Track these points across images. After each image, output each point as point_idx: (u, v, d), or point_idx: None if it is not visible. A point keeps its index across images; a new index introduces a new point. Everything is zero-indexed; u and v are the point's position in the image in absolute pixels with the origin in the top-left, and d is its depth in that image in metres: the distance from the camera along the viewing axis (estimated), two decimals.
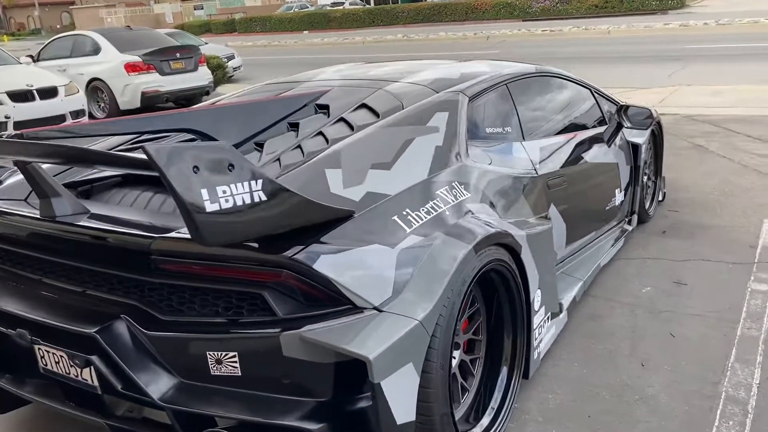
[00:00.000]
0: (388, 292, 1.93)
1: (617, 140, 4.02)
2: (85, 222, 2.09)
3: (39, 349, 2.16)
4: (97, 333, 1.93)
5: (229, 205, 1.64)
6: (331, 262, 1.87)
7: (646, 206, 4.55)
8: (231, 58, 15.56)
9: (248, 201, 1.68)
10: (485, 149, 2.87)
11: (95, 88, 10.79)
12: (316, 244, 1.89)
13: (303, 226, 1.87)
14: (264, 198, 1.72)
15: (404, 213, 2.16)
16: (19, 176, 2.64)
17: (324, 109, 2.96)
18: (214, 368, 1.93)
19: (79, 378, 2.11)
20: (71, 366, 2.10)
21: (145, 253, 1.93)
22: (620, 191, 4.01)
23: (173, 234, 1.92)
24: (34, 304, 2.17)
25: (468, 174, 2.58)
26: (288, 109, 2.96)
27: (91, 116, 10.14)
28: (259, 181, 1.71)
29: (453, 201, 2.37)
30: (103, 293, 2.11)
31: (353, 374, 1.88)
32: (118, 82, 10.51)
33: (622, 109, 4.05)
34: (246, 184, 1.68)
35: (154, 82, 10.55)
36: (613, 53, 15.37)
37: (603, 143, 3.82)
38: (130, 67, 10.41)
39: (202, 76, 11.31)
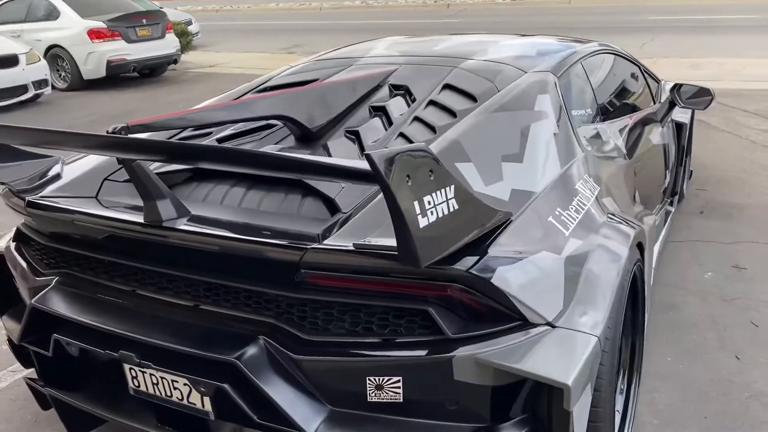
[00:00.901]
0: (560, 305, 1.74)
1: (668, 120, 3.91)
2: (209, 229, 1.81)
3: (131, 369, 1.90)
4: (236, 359, 1.68)
5: (434, 218, 1.42)
6: (506, 275, 1.66)
7: (683, 185, 4.50)
8: (189, 23, 14.83)
9: (446, 212, 1.46)
10: (582, 134, 2.69)
11: (55, 56, 10.04)
12: (487, 254, 1.68)
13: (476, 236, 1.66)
14: (456, 207, 1.50)
15: (557, 213, 1.97)
16: (78, 169, 2.31)
17: (400, 89, 2.71)
18: (373, 394, 1.71)
19: (185, 402, 1.86)
20: (174, 389, 1.85)
21: (293, 266, 1.68)
22: (669, 172, 3.91)
23: (330, 244, 1.66)
24: (138, 323, 1.89)
25: (591, 164, 2.39)
26: (364, 89, 2.70)
27: (53, 87, 9.46)
28: (452, 188, 1.49)
29: (591, 196, 2.19)
30: (227, 309, 1.85)
31: (527, 397, 1.70)
32: (80, 49, 9.81)
33: (676, 87, 3.93)
34: (443, 191, 1.45)
35: (120, 50, 9.90)
36: (579, 23, 15.36)
37: (658, 123, 3.69)
38: (94, 34, 9.73)
39: (170, 43, 10.69)
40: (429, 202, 1.40)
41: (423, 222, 1.37)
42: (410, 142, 2.25)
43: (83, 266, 2.12)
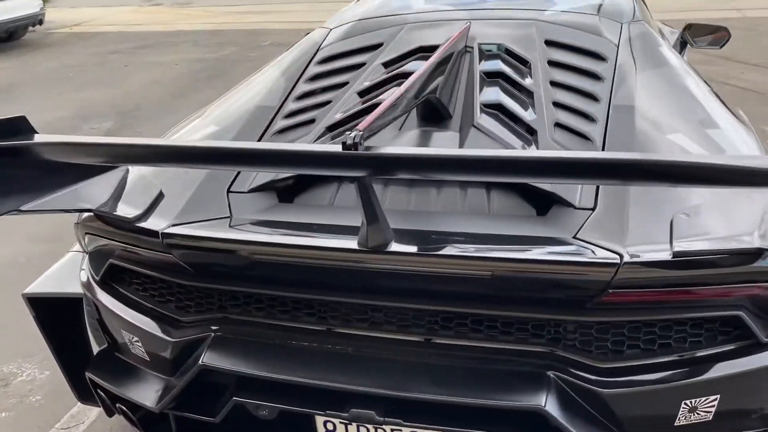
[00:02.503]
0: None
1: None
2: (459, 250, 1.45)
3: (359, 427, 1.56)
4: (542, 404, 1.38)
5: None
6: None
7: None
8: None
9: None
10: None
11: None
12: None
13: None
14: None
15: None
16: (171, 182, 1.80)
17: (494, 52, 2.39)
18: (683, 418, 1.49)
19: None
20: None
21: (596, 286, 1.38)
22: None
23: (647, 258, 1.38)
24: (361, 370, 1.52)
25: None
26: (456, 56, 2.35)
27: None
28: None
29: None
30: (482, 342, 1.52)
31: None
32: None
33: (687, 27, 3.91)
34: None
35: None
36: None
37: None
38: None
39: (31, 2, 9.27)
40: None
41: None
42: (573, 111, 1.97)
43: (251, 307, 1.67)
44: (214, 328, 1.66)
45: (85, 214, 1.83)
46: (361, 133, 1.31)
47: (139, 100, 6.52)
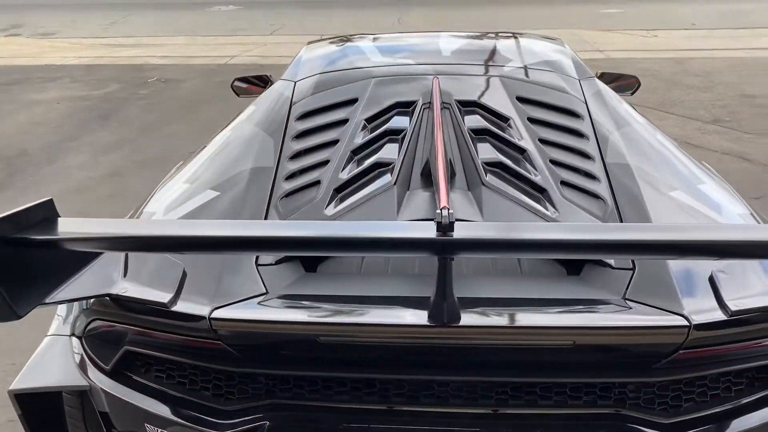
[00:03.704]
0: None
1: None
2: (525, 318, 1.46)
3: None
4: None
5: None
6: None
7: None
8: None
9: None
10: None
11: None
12: None
13: None
14: None
15: None
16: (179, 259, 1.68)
17: (470, 106, 2.46)
18: None
19: None
20: None
21: (667, 349, 1.45)
22: None
23: (711, 317, 1.47)
24: None
25: None
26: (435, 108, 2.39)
27: None
28: None
29: None
30: (546, 409, 1.53)
31: None
32: None
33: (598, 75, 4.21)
34: None
35: None
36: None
37: None
38: None
39: None
40: None
41: None
42: (573, 170, 2.07)
43: (304, 390, 1.59)
44: (264, 415, 1.56)
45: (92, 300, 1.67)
46: (451, 212, 1.30)
47: (23, 144, 6.00)
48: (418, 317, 1.45)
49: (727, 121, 6.31)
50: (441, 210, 1.29)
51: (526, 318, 1.49)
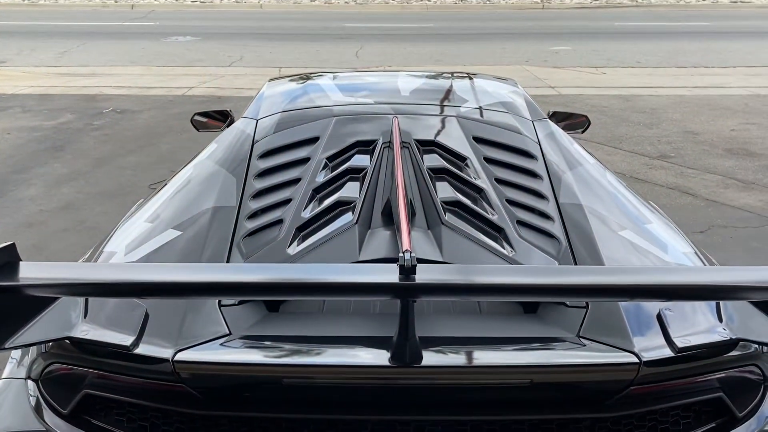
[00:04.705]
0: None
1: None
2: (483, 358, 1.51)
3: None
4: None
5: None
6: None
7: None
8: None
9: None
10: None
11: None
12: None
13: None
14: None
15: None
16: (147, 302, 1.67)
17: (428, 145, 2.52)
18: None
19: None
20: None
21: (616, 386, 1.51)
22: None
23: (659, 354, 1.53)
24: None
25: None
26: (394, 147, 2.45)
27: None
28: None
29: None
30: None
31: None
32: None
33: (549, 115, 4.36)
34: None
35: None
36: (274, 30, 15.66)
37: None
38: None
39: None
40: None
41: None
42: (528, 209, 2.15)
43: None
44: None
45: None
46: (413, 255, 1.35)
47: None
48: (380, 358, 1.49)
49: (672, 156, 6.57)
50: (404, 253, 1.34)
51: (486, 357, 1.54)
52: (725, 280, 1.43)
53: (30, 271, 1.32)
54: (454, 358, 1.52)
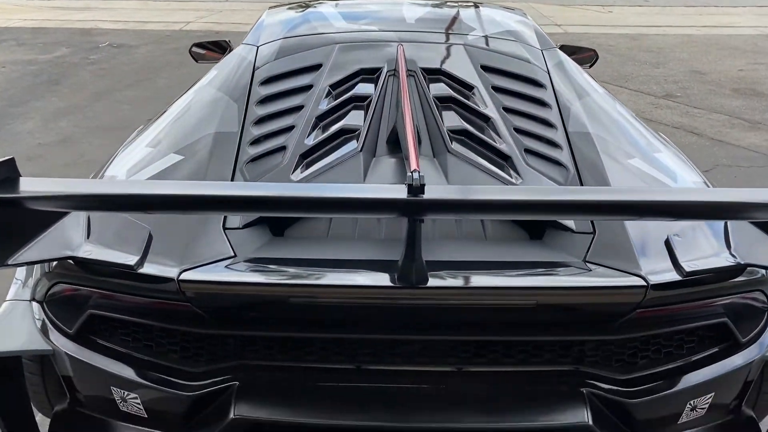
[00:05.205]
0: None
1: None
2: (494, 279, 1.50)
3: None
4: (594, 423, 1.48)
5: None
6: None
7: None
8: None
9: None
10: None
11: None
12: None
13: None
14: None
15: None
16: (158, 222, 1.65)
17: (435, 74, 2.46)
18: (685, 416, 1.67)
19: None
20: None
21: (624, 308, 1.51)
22: None
23: (667, 278, 1.52)
24: (406, 405, 1.52)
25: None
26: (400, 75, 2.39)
27: None
28: None
29: None
30: (514, 366, 1.59)
31: None
32: None
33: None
34: None
35: None
36: None
37: None
38: None
39: None
40: None
41: None
42: (536, 138, 2.11)
43: (273, 351, 1.60)
44: (232, 376, 1.57)
45: (55, 262, 1.64)
46: (422, 175, 1.32)
47: None
48: (387, 279, 1.48)
49: (678, 96, 6.47)
50: (412, 172, 1.31)
51: (492, 279, 1.53)
52: (729, 198, 1.40)
53: (31, 186, 1.30)
54: (460, 280, 1.51)
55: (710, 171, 4.49)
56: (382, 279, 1.49)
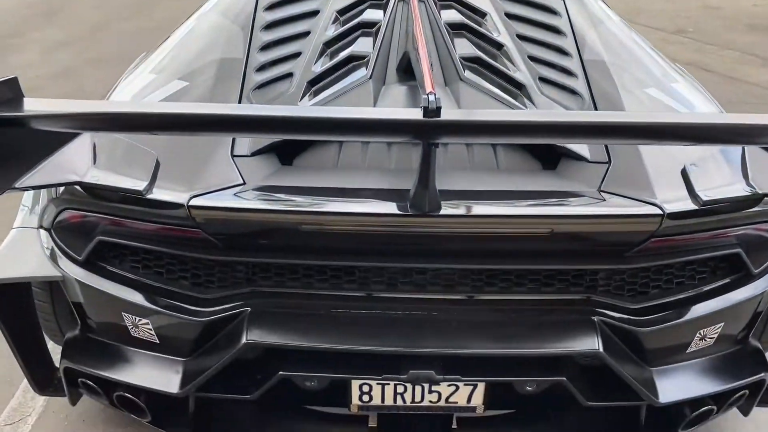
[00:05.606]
0: None
1: None
2: (508, 208, 1.48)
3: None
4: (604, 350, 1.49)
5: None
6: None
7: None
8: None
9: None
10: None
11: None
12: None
13: None
14: None
15: None
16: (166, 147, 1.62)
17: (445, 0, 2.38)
18: (694, 345, 1.68)
19: (441, 404, 1.63)
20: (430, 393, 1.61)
21: (640, 237, 1.49)
22: None
23: (684, 206, 1.50)
24: (413, 331, 1.53)
25: None
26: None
27: None
28: None
29: None
30: (526, 294, 1.59)
31: None
32: None
33: None
34: None
35: None
36: None
37: None
38: None
39: None
40: None
41: None
42: (551, 66, 2.05)
43: (285, 278, 1.59)
44: (244, 303, 1.57)
45: (62, 189, 1.62)
46: (438, 97, 1.28)
47: None
48: (399, 207, 1.46)
49: (690, 32, 6.32)
50: (428, 95, 1.27)
51: (505, 207, 1.51)
52: (746, 121, 1.36)
53: (35, 105, 1.26)
54: (473, 208, 1.49)
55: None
56: (394, 207, 1.47)
